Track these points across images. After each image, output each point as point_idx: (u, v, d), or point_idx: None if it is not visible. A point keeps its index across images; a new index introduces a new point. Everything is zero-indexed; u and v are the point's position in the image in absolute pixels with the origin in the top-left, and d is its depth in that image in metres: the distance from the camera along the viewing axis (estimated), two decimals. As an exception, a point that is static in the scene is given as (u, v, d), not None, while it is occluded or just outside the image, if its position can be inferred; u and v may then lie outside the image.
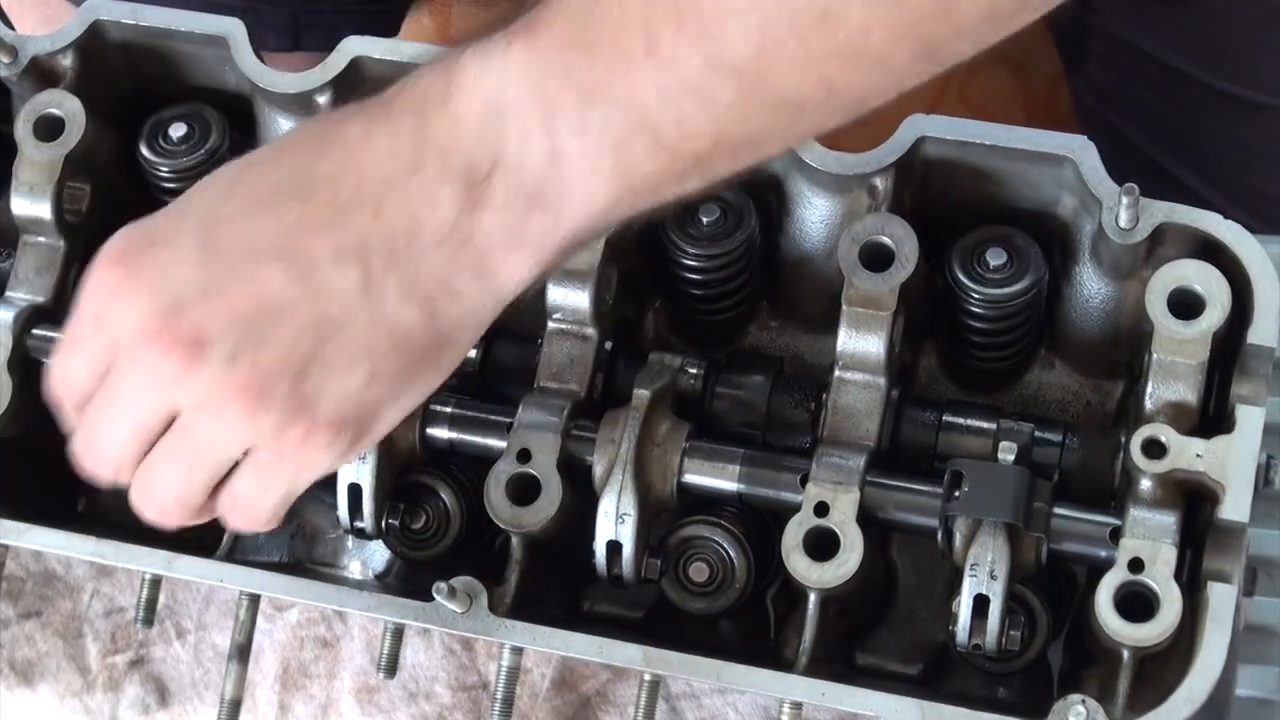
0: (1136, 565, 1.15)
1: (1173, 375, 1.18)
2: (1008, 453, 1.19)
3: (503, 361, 1.30)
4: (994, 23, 0.97)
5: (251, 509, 1.08)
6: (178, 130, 1.34)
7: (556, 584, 1.27)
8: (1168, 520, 1.16)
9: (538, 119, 0.98)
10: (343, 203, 1.01)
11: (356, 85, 1.31)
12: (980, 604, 1.16)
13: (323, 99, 1.31)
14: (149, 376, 1.04)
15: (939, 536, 1.19)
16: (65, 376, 1.09)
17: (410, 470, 1.28)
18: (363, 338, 1.03)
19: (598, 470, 1.21)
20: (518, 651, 1.23)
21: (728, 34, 0.95)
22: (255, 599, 1.28)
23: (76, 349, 1.08)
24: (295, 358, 1.02)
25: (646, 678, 1.21)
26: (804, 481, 1.19)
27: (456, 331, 1.05)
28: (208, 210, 1.04)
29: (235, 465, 1.08)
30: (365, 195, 1.01)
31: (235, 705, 1.27)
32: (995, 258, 1.24)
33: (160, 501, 1.09)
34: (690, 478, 1.22)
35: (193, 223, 1.04)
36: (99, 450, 1.09)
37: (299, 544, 1.37)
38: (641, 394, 1.21)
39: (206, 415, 1.04)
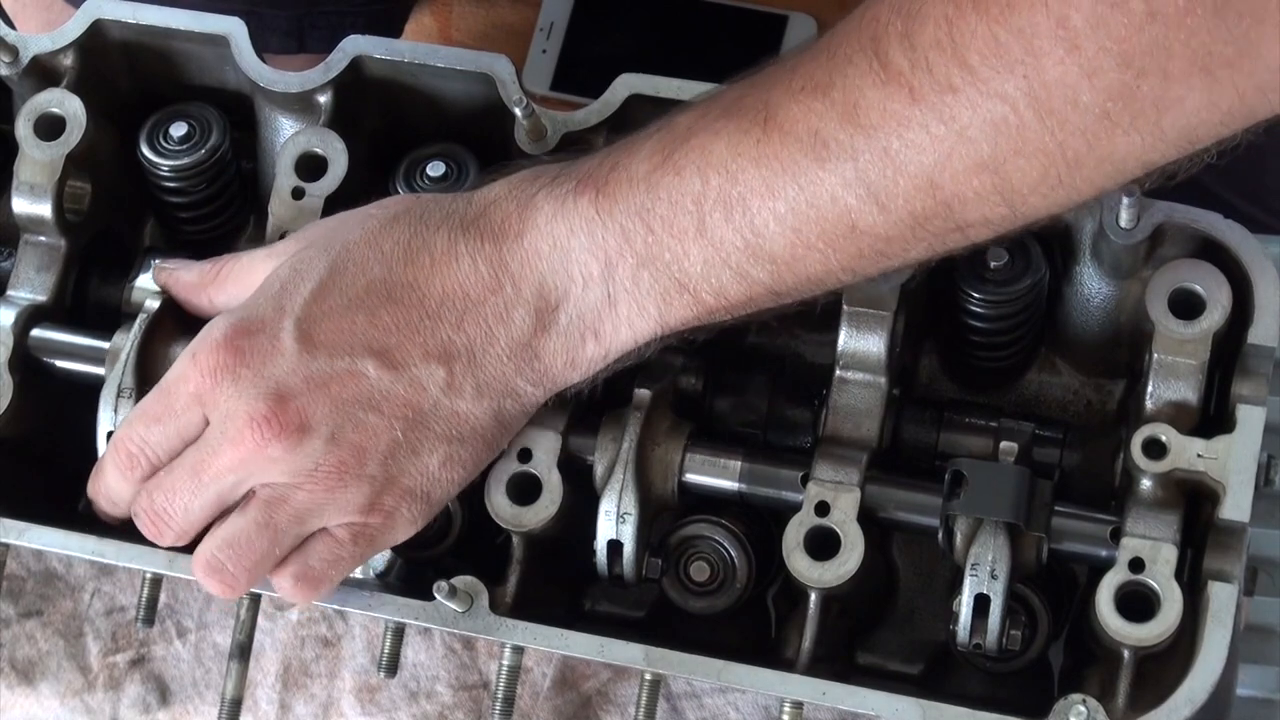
0: (1137, 565, 1.15)
1: (1173, 375, 1.18)
2: (1008, 452, 1.19)
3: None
4: (999, 230, 1.08)
5: (322, 578, 1.18)
6: (178, 130, 1.34)
7: (557, 583, 1.27)
8: (1168, 520, 1.16)
9: (599, 270, 1.13)
10: (430, 310, 1.15)
11: (357, 85, 1.31)
12: (981, 603, 1.16)
13: (323, 98, 1.31)
14: (249, 456, 1.14)
15: (940, 536, 1.19)
16: (148, 441, 1.18)
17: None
18: (441, 427, 1.16)
19: (599, 469, 1.21)
20: (519, 651, 1.23)
21: (768, 230, 1.09)
22: (256, 598, 1.27)
23: (166, 419, 1.17)
24: (385, 441, 1.15)
25: (647, 677, 1.21)
26: (805, 481, 1.19)
27: (513, 422, 1.19)
28: (304, 306, 1.15)
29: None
30: (450, 307, 1.15)
31: (236, 704, 1.27)
32: (996, 257, 1.23)
33: (236, 570, 1.17)
34: (691, 477, 1.22)
35: (291, 318, 1.15)
36: (168, 515, 1.18)
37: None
38: (642, 393, 1.21)
39: (303, 491, 1.15)
